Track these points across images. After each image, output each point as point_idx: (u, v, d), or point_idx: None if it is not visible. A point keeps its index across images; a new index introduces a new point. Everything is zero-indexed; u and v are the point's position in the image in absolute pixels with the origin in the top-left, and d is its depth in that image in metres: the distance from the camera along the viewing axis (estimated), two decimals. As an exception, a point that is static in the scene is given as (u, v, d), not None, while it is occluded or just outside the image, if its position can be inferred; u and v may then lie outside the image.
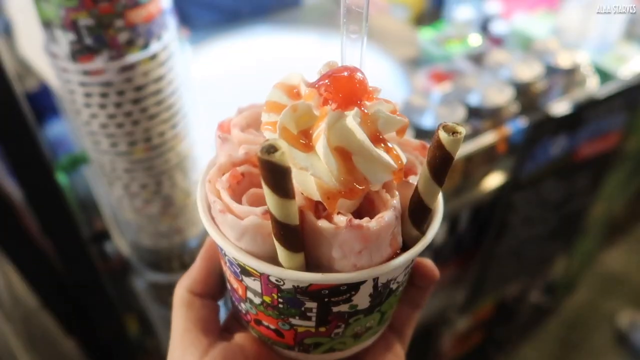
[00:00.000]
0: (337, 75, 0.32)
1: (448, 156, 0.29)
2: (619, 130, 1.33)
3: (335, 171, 0.30)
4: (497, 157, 1.09)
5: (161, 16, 0.60)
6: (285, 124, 0.31)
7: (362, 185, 0.31)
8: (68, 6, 0.53)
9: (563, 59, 1.16)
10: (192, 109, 0.75)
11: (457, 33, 1.44)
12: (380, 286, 0.33)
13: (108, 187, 0.72)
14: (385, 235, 0.31)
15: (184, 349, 0.35)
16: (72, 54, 0.56)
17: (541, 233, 1.44)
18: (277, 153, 0.26)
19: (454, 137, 0.29)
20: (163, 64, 0.61)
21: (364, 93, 0.32)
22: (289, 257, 0.31)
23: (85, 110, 0.61)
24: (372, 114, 0.31)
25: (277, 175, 0.27)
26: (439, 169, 0.30)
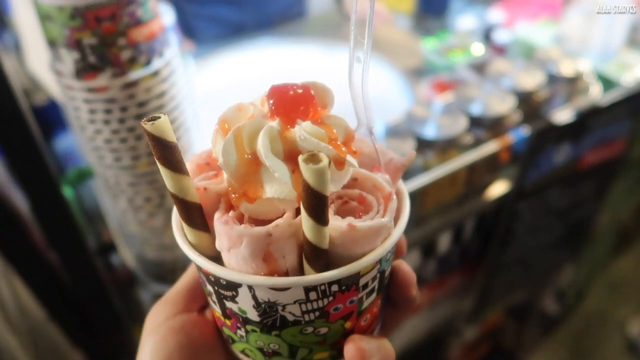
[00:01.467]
0: (280, 91, 0.32)
1: (310, 189, 0.26)
2: (624, 138, 1.33)
3: (231, 167, 0.31)
4: (501, 165, 1.09)
5: (163, 34, 0.62)
6: (226, 118, 0.33)
7: (258, 192, 0.31)
8: (72, 26, 0.54)
9: (565, 67, 1.16)
10: (194, 122, 0.76)
11: (460, 42, 1.45)
12: (262, 302, 0.32)
13: (113, 200, 0.73)
14: (248, 242, 0.30)
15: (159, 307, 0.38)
16: (77, 71, 0.58)
17: (548, 241, 1.43)
18: (157, 121, 0.28)
19: (314, 165, 0.26)
20: (165, 80, 0.63)
21: (304, 108, 0.32)
22: (189, 232, 0.33)
23: (90, 126, 0.63)
24: (291, 132, 0.31)
25: (157, 145, 0.29)
26: (309, 203, 0.28)
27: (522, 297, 1.61)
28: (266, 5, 1.59)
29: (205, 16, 1.57)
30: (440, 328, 1.44)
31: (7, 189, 0.84)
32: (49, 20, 0.55)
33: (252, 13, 1.59)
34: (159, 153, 0.30)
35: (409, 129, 1.02)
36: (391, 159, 0.38)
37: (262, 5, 1.59)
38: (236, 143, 0.31)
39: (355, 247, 0.31)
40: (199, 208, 0.33)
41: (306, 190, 0.27)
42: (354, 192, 0.34)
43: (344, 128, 0.33)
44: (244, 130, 0.31)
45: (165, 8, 0.77)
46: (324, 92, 0.34)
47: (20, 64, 1.13)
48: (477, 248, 1.30)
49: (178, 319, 0.37)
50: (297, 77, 0.34)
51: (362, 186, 0.35)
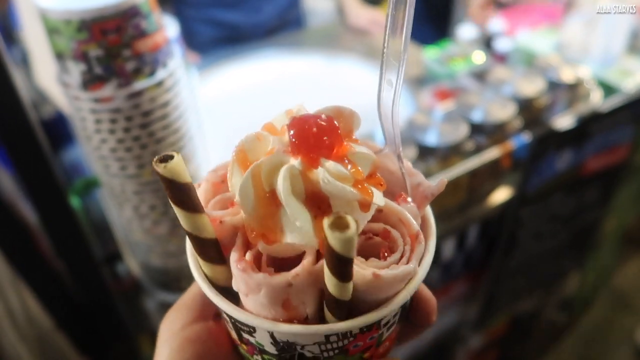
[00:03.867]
0: (303, 123, 0.30)
1: (339, 256, 0.25)
2: (628, 143, 1.33)
3: (249, 209, 0.29)
4: (502, 172, 1.10)
5: (167, 45, 0.63)
6: (244, 148, 0.31)
7: (277, 236, 0.29)
8: (79, 39, 0.56)
9: (566, 74, 1.17)
10: (198, 132, 0.77)
11: (461, 51, 1.46)
12: (280, 341, 0.31)
13: (118, 209, 0.74)
14: (267, 291, 0.29)
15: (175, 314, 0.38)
16: (83, 83, 0.60)
17: (552, 248, 1.43)
18: (171, 162, 0.27)
19: (340, 234, 0.23)
20: (169, 90, 0.64)
21: (328, 142, 0.30)
22: (204, 266, 0.33)
23: (96, 136, 0.64)
24: (314, 174, 0.28)
25: (170, 187, 0.28)
26: (333, 265, 0.26)
27: (527, 304, 1.60)
28: (262, 9, 1.62)
29: (203, 19, 1.60)
30: (445, 336, 1.44)
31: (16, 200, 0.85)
32: (56, 33, 0.57)
33: (249, 16, 1.62)
34: (174, 195, 0.28)
35: (411, 137, 1.03)
36: (419, 183, 0.36)
37: (258, 9, 1.61)
38: (254, 182, 0.29)
39: (379, 293, 0.31)
40: (214, 243, 0.32)
41: (330, 254, 0.25)
42: (379, 226, 0.33)
43: (371, 161, 0.31)
44: (262, 168, 0.29)
45: (169, 20, 0.79)
46: (350, 117, 0.33)
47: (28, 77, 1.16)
48: (481, 255, 1.30)
49: (194, 328, 0.37)
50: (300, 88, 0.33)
51: (387, 219, 0.33)
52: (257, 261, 0.31)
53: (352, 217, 0.23)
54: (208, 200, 0.35)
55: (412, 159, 0.98)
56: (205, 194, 0.35)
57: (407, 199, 0.34)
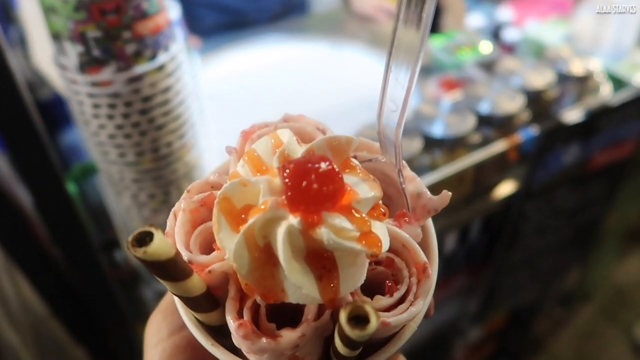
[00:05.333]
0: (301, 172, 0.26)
1: (357, 343, 0.24)
2: (635, 138, 1.31)
3: (244, 271, 0.27)
4: (509, 165, 1.08)
5: (169, 28, 0.61)
6: (229, 195, 0.28)
7: (278, 296, 0.27)
8: (76, 19, 0.54)
9: (575, 67, 1.15)
10: (200, 118, 0.75)
11: (468, 40, 1.43)
12: None
13: (117, 196, 0.72)
14: (272, 355, 0.28)
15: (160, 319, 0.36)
16: (81, 65, 0.57)
17: (555, 243, 1.42)
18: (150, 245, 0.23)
19: (360, 332, 0.22)
20: (170, 74, 0.62)
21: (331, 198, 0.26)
22: (198, 316, 0.31)
23: (94, 121, 0.62)
24: (317, 233, 0.26)
25: (154, 269, 0.25)
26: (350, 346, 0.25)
27: (528, 298, 1.59)
28: None
29: (206, 4, 1.57)
30: (444, 328, 1.43)
31: (11, 185, 0.83)
32: (53, 12, 0.54)
33: (252, 1, 1.58)
34: (159, 274, 0.26)
35: (417, 128, 1.00)
36: (419, 195, 0.33)
37: None
38: (247, 244, 0.27)
39: (386, 334, 0.30)
40: (206, 296, 0.29)
41: (345, 339, 0.24)
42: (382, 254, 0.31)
43: (374, 201, 0.29)
44: (255, 227, 0.26)
45: (171, 2, 0.76)
46: (347, 145, 0.30)
47: (25, 58, 1.13)
48: (483, 249, 1.29)
49: (183, 335, 0.35)
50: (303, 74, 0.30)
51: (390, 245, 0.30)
52: (254, 313, 0.29)
53: (371, 308, 0.22)
54: (189, 235, 0.32)
55: (418, 151, 0.96)
56: (184, 227, 0.32)
57: (407, 219, 0.32)
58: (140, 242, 0.23)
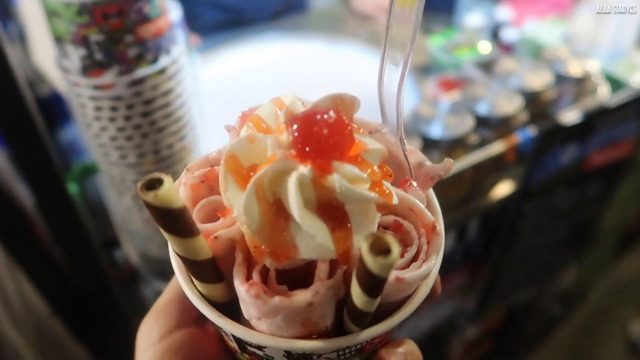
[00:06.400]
0: (309, 121, 0.26)
1: (378, 279, 0.23)
2: (632, 139, 1.32)
3: (255, 226, 0.26)
4: (506, 165, 1.09)
5: (170, 31, 0.61)
6: (236, 153, 0.27)
7: (289, 252, 0.26)
8: (79, 22, 0.54)
9: (573, 67, 1.15)
10: (200, 120, 0.76)
11: (467, 40, 1.44)
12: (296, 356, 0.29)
13: (117, 197, 0.73)
14: (285, 315, 0.27)
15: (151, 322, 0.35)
16: (83, 68, 0.57)
17: (552, 241, 1.43)
18: (160, 189, 0.23)
19: (383, 260, 0.21)
20: (172, 77, 0.62)
21: (338, 145, 0.26)
22: (201, 286, 0.30)
23: (96, 123, 0.62)
24: (328, 180, 0.25)
25: (160, 218, 0.24)
26: (370, 288, 0.25)
27: (525, 296, 1.61)
28: None
29: (207, 2, 1.57)
30: (442, 326, 1.44)
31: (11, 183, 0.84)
32: (55, 16, 0.55)
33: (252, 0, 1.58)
34: (166, 225, 0.25)
35: (415, 128, 1.01)
36: (420, 163, 0.33)
37: None
38: (258, 196, 0.26)
39: (401, 294, 0.29)
40: (211, 262, 0.29)
41: (366, 276, 0.23)
42: (388, 218, 0.31)
43: (382, 154, 0.28)
44: (265, 179, 0.26)
45: (172, 3, 0.77)
46: (352, 105, 0.30)
47: (25, 54, 1.13)
48: (481, 247, 1.30)
49: (175, 337, 0.34)
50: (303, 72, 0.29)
51: (397, 210, 0.31)
52: (264, 278, 0.28)
53: (392, 237, 0.21)
54: (191, 209, 0.31)
55: (416, 151, 0.97)
56: (186, 202, 0.31)
57: (412, 185, 0.32)
58: (150, 188, 0.23)
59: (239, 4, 1.55)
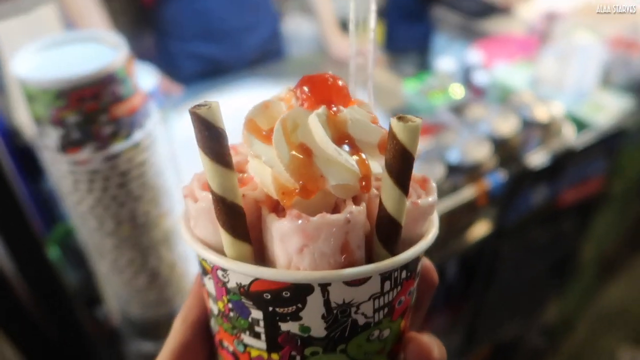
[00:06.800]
0: (314, 79, 0.31)
1: (403, 149, 0.27)
2: (601, 175, 1.37)
3: (286, 159, 0.28)
4: (479, 209, 1.12)
5: (144, 106, 0.65)
6: (253, 117, 0.31)
7: (318, 182, 0.28)
8: (57, 106, 0.57)
9: (539, 112, 1.20)
10: (177, 182, 0.78)
11: (440, 84, 1.49)
12: (334, 307, 0.29)
13: (97, 261, 0.74)
14: (328, 234, 0.28)
15: None
16: (61, 146, 0.60)
17: (531, 278, 1.46)
18: (205, 106, 0.26)
19: (406, 124, 0.26)
20: (146, 149, 0.65)
21: (340, 96, 0.31)
22: (231, 243, 0.29)
23: (74, 194, 0.65)
24: (341, 115, 0.30)
25: (206, 132, 0.27)
26: (398, 168, 0.27)
27: (510, 332, 1.62)
28: (244, 42, 1.64)
29: (187, 53, 1.62)
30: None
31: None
32: (34, 100, 0.58)
33: (231, 50, 1.63)
34: (207, 141, 0.27)
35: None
36: None
37: (240, 42, 1.63)
38: (285, 133, 0.29)
39: (416, 226, 0.32)
40: (244, 215, 0.29)
41: (397, 152, 0.27)
42: None
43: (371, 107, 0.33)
44: (288, 122, 0.29)
45: (149, 70, 0.80)
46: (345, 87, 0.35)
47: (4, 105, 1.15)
48: (461, 287, 1.32)
49: None
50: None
51: None
52: None
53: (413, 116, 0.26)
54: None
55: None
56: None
57: None
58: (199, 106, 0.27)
59: (217, 53, 1.60)
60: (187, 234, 0.32)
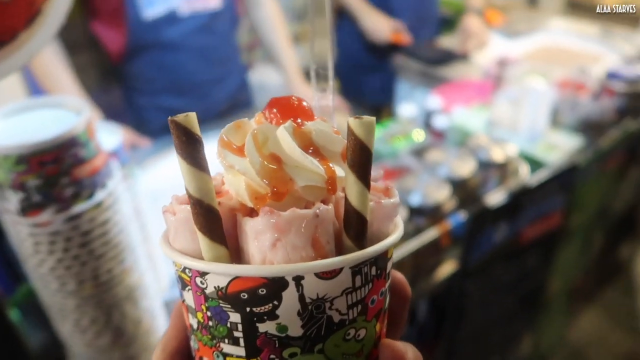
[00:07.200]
0: (281, 101, 0.35)
1: (361, 144, 0.30)
2: (560, 210, 1.42)
3: (257, 165, 0.31)
4: (443, 249, 1.15)
5: (106, 166, 0.66)
6: (227, 135, 0.33)
7: (288, 185, 0.31)
8: (17, 171, 0.58)
9: (495, 153, 1.27)
10: (141, 237, 0.79)
11: (402, 129, 1.55)
12: (309, 302, 0.30)
13: (59, 323, 0.74)
14: (298, 227, 0.30)
15: None
16: (22, 209, 0.61)
17: (501, 314, 1.48)
18: (183, 115, 0.29)
19: (365, 119, 0.29)
20: (108, 208, 0.66)
21: (305, 115, 0.34)
22: (208, 246, 0.31)
23: (34, 257, 0.65)
24: (306, 127, 0.33)
25: (184, 138, 0.29)
26: (358, 162, 0.30)
27: (485, 370, 1.62)
28: (212, 94, 1.67)
29: (155, 106, 1.63)
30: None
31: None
32: (-6, 165, 0.59)
33: (199, 102, 1.66)
34: (187, 146, 0.30)
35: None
36: None
37: (207, 94, 1.67)
38: (256, 145, 0.32)
39: (381, 226, 0.34)
40: (220, 218, 0.31)
41: (356, 147, 0.30)
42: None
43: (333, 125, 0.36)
44: (259, 134, 0.32)
45: (113, 128, 0.82)
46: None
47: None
48: (433, 327, 1.34)
49: None
50: None
51: None
52: None
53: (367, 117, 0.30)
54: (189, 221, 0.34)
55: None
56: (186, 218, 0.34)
57: None
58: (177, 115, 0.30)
59: (186, 106, 1.63)
60: (166, 247, 0.34)
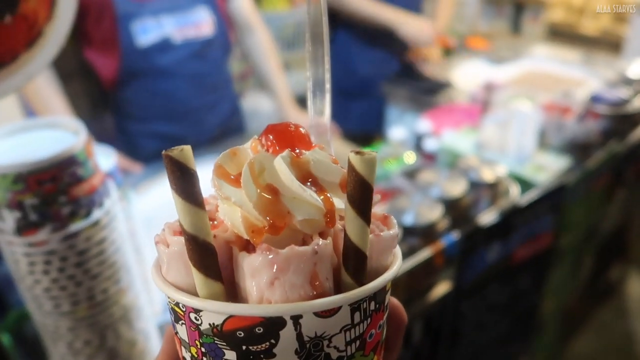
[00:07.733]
0: (278, 128, 0.34)
1: (362, 180, 0.29)
2: (550, 231, 1.44)
3: (254, 198, 0.30)
4: (437, 269, 1.16)
5: (103, 186, 0.67)
6: (222, 164, 0.33)
7: (286, 219, 0.30)
8: (14, 190, 0.59)
9: (486, 174, 1.29)
10: (136, 258, 0.79)
11: (394, 152, 1.58)
12: (307, 340, 0.30)
13: (52, 345, 0.73)
14: (297, 265, 0.29)
15: None
16: (18, 229, 0.61)
17: (496, 336, 1.47)
18: (178, 149, 0.28)
19: (363, 156, 0.29)
20: (105, 227, 0.66)
21: (302, 143, 0.34)
22: (203, 283, 0.30)
23: (29, 277, 0.65)
24: (304, 157, 0.32)
25: (178, 173, 0.28)
26: (359, 198, 0.29)
27: (481, 394, 1.60)
28: (204, 120, 1.69)
29: (147, 133, 1.65)
30: None
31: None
32: (-8, 185, 0.59)
33: (192, 128, 1.68)
34: (182, 182, 0.29)
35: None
36: None
37: (200, 120, 1.68)
38: (252, 175, 0.31)
39: (380, 258, 0.33)
40: (216, 254, 0.30)
41: (356, 183, 0.29)
42: None
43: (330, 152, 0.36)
44: (255, 164, 0.31)
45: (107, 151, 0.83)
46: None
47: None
48: (428, 349, 1.32)
49: None
50: None
51: None
52: None
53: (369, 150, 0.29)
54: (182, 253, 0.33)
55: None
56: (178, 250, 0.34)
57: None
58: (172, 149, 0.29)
59: (178, 132, 1.65)
60: (159, 280, 0.33)
